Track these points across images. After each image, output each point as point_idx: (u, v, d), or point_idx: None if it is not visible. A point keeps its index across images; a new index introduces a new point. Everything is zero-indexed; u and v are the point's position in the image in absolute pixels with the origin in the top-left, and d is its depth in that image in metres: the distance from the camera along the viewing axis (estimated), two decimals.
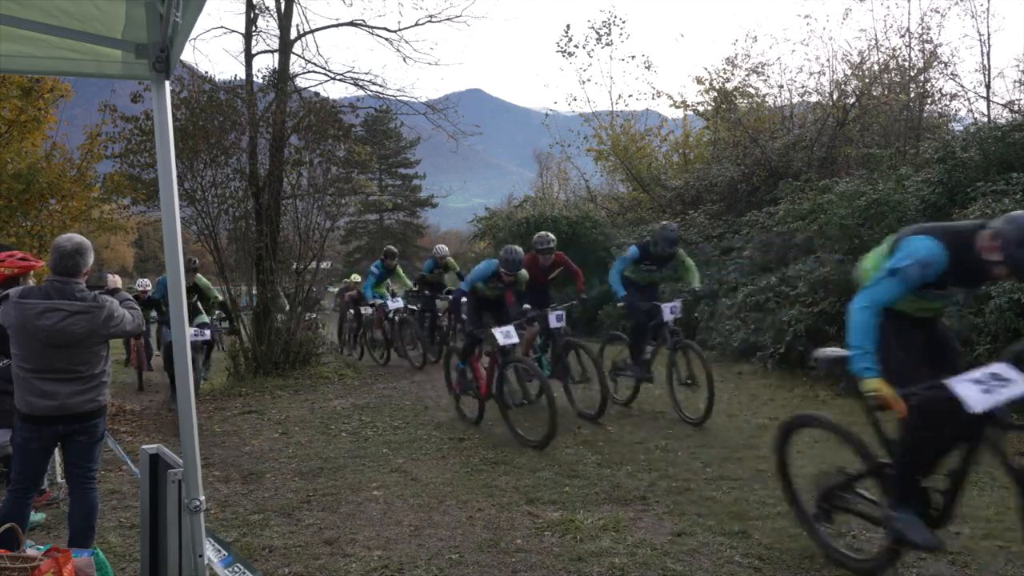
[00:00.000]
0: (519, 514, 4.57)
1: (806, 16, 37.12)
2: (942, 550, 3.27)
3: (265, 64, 60.92)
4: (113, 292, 4.47)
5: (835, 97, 15.57)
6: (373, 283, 11.67)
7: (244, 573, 2.89)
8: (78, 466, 3.79)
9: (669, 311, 7.02)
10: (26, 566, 2.71)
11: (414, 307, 12.06)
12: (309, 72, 15.06)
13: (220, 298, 10.03)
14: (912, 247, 3.14)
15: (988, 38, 13.71)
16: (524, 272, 7.02)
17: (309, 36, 14.59)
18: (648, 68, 29.86)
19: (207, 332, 9.19)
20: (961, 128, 13.83)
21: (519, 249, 6.88)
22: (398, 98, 14.81)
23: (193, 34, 5.63)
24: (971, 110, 14.55)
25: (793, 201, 11.45)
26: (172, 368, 5.35)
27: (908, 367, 3.17)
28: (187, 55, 16.81)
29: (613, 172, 23.34)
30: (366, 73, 18.09)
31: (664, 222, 8.03)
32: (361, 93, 14.36)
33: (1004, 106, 13.50)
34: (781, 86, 18.13)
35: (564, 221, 16.71)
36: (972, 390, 2.79)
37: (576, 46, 21.62)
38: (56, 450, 5.60)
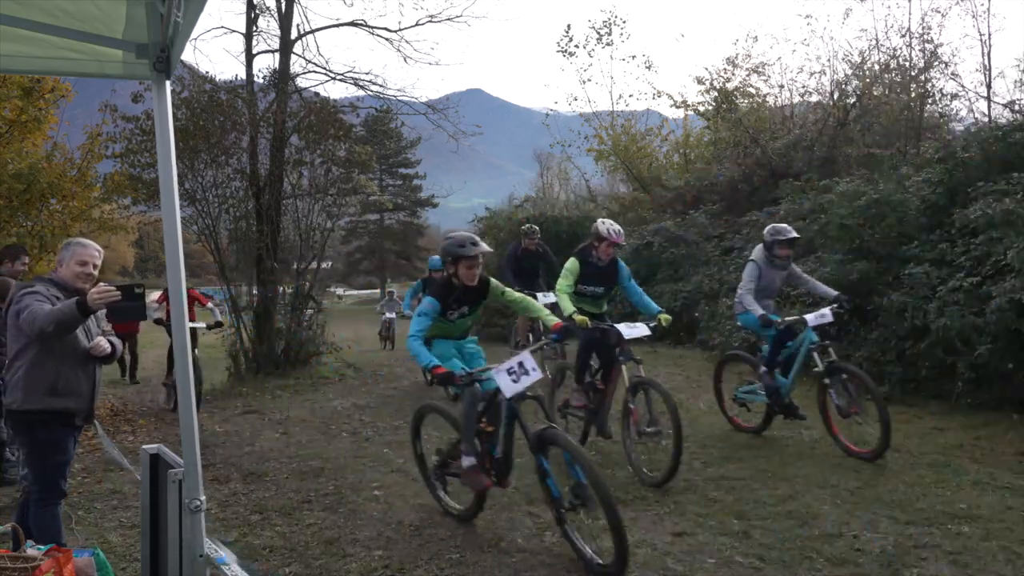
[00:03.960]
0: (520, 514, 4.57)
1: (807, 16, 36.93)
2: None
3: (266, 64, 61.01)
4: None
5: (836, 97, 15.57)
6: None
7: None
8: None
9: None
10: (26, 566, 2.71)
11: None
12: (310, 72, 15.07)
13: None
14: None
15: (989, 38, 13.71)
16: None
17: (310, 36, 14.61)
18: (648, 68, 30.01)
19: None
20: (962, 128, 13.84)
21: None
22: (398, 98, 14.80)
23: (194, 34, 5.63)
24: (972, 110, 14.57)
25: (794, 201, 11.44)
26: None
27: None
28: (187, 55, 16.81)
29: (614, 172, 23.36)
30: (366, 73, 18.06)
31: None
32: (361, 93, 14.36)
33: (1005, 106, 13.50)
34: (782, 86, 18.15)
35: (564, 221, 16.72)
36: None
37: (577, 46, 21.63)
38: None
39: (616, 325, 5.32)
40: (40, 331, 3.37)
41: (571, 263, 5.68)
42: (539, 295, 8.12)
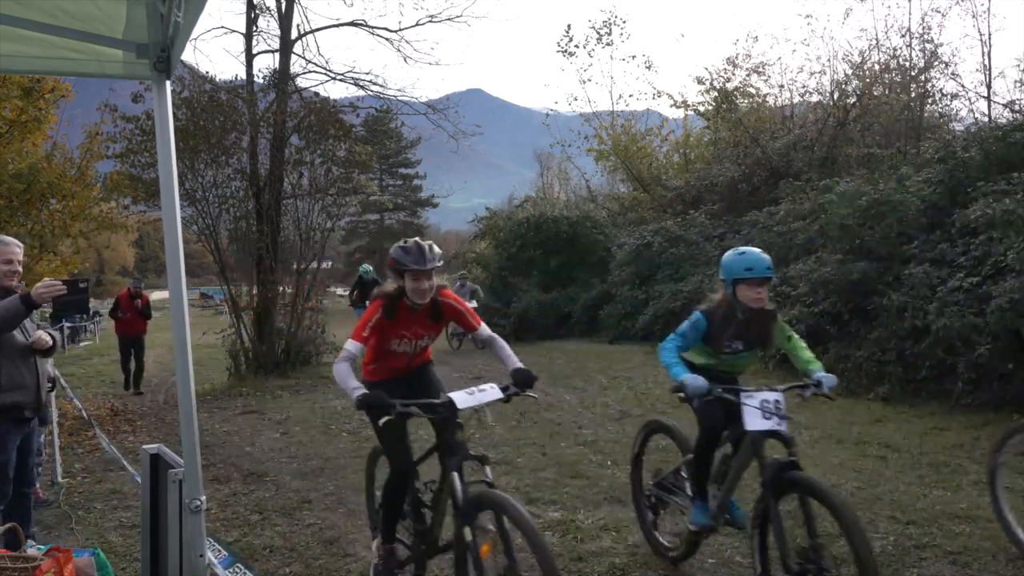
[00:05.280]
0: None
1: (807, 16, 37.12)
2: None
3: (266, 64, 60.89)
4: None
5: (836, 97, 15.58)
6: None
7: (244, 573, 2.88)
8: None
9: None
10: (27, 566, 2.71)
11: None
12: (310, 72, 15.06)
13: None
14: None
15: (989, 38, 13.73)
16: None
17: (310, 36, 14.60)
18: (649, 68, 30.04)
19: None
20: (962, 128, 13.84)
21: None
22: (399, 98, 14.82)
23: (194, 34, 5.63)
24: (972, 110, 14.57)
25: (794, 201, 11.45)
26: None
27: None
28: (188, 55, 16.81)
29: (614, 172, 23.38)
30: (367, 73, 18.05)
31: None
32: (362, 93, 14.38)
33: (1005, 106, 13.51)
34: (782, 86, 18.18)
35: (565, 221, 16.73)
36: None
37: (577, 46, 21.67)
38: (57, 451, 5.62)
39: None
40: None
41: None
42: None
